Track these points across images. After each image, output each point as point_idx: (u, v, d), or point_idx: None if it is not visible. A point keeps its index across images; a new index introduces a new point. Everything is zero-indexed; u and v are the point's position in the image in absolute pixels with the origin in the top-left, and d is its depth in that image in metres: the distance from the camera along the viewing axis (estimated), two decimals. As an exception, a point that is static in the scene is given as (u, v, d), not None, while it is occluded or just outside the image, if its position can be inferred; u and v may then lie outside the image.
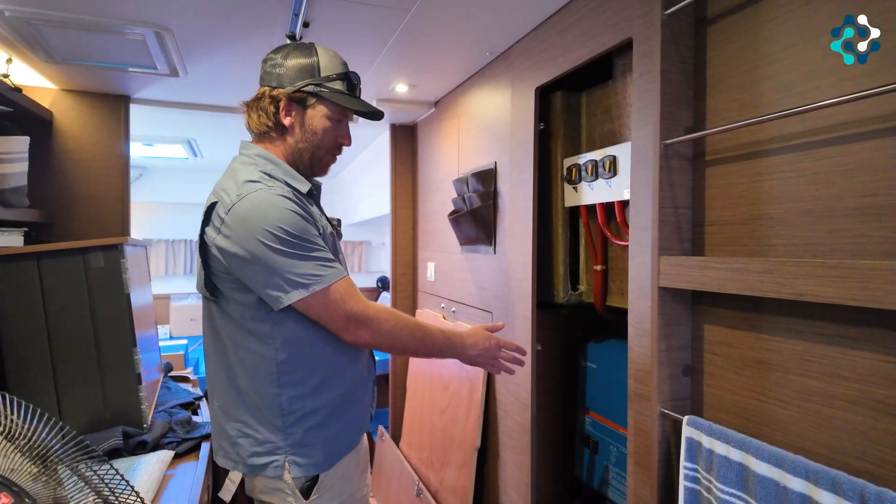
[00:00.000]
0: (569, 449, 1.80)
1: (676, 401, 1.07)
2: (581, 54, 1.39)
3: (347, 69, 1.23)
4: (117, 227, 2.29)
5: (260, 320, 1.11)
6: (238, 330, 1.13)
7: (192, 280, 5.70)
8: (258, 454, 1.13)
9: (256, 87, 1.23)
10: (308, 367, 1.14)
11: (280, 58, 1.19)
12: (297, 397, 1.13)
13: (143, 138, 3.46)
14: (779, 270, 0.82)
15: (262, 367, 1.12)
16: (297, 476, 1.13)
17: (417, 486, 2.32)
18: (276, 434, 1.13)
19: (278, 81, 1.18)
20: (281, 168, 1.18)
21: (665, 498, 1.08)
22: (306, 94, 1.18)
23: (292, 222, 1.06)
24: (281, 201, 1.07)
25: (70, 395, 1.49)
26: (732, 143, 1.01)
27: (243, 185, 1.09)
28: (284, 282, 1.05)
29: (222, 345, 1.17)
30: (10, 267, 1.44)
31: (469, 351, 1.26)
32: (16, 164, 1.80)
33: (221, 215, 1.08)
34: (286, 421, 1.13)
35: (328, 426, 1.17)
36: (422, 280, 2.79)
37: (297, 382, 1.14)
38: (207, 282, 1.14)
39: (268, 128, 1.20)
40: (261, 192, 1.07)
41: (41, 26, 1.58)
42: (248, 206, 1.05)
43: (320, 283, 1.07)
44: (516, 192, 1.71)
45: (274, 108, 1.18)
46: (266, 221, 1.04)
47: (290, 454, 1.13)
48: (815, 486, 0.76)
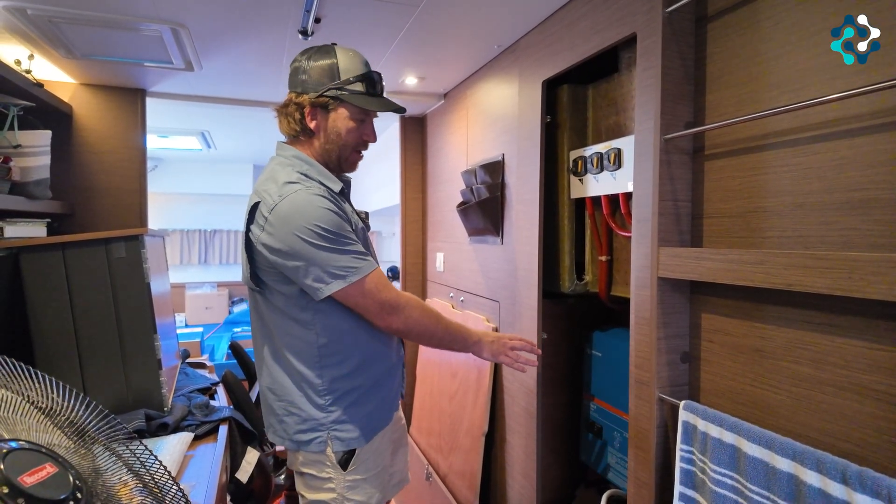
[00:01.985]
0: (574, 434, 1.85)
1: (674, 386, 1.12)
2: (587, 48, 1.42)
3: (367, 69, 1.29)
4: (135, 217, 2.36)
5: (302, 308, 1.21)
6: (282, 318, 1.24)
7: (206, 269, 5.80)
8: (303, 431, 1.25)
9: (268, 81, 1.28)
10: (346, 351, 1.25)
11: (303, 62, 1.27)
12: (336, 378, 1.24)
13: (159, 130, 3.53)
14: (770, 261, 0.85)
15: (304, 350, 1.23)
16: (337, 450, 1.24)
17: (427, 469, 2.38)
18: (319, 412, 1.24)
19: (302, 87, 1.26)
20: (315, 168, 1.27)
21: (663, 479, 1.13)
22: (328, 99, 1.25)
23: (329, 220, 1.15)
24: (318, 200, 1.16)
25: (95, 379, 1.56)
26: (730, 139, 1.04)
27: (284, 187, 1.18)
28: (325, 274, 1.15)
29: (268, 331, 1.28)
30: (37, 257, 1.51)
31: (485, 339, 1.38)
32: (39, 158, 1.86)
33: (265, 214, 1.17)
34: (327, 400, 1.24)
35: (364, 405, 1.28)
36: (431, 270, 2.84)
37: (336, 364, 1.24)
38: (253, 275, 1.24)
39: (296, 132, 1.29)
40: (300, 193, 1.16)
41: (62, 23, 1.63)
42: (289, 205, 1.15)
43: (357, 274, 1.17)
44: (523, 183, 1.75)
45: (299, 115, 1.26)
46: (306, 220, 1.14)
47: (331, 430, 1.24)
48: (801, 466, 0.80)
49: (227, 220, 5.82)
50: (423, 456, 2.49)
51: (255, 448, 1.87)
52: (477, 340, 1.36)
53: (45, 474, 0.63)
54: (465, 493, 2.05)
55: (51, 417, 0.72)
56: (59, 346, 1.53)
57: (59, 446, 0.72)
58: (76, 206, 2.26)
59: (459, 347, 1.36)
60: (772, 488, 0.85)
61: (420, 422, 2.66)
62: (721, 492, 0.95)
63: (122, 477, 0.81)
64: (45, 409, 0.72)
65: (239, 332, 4.58)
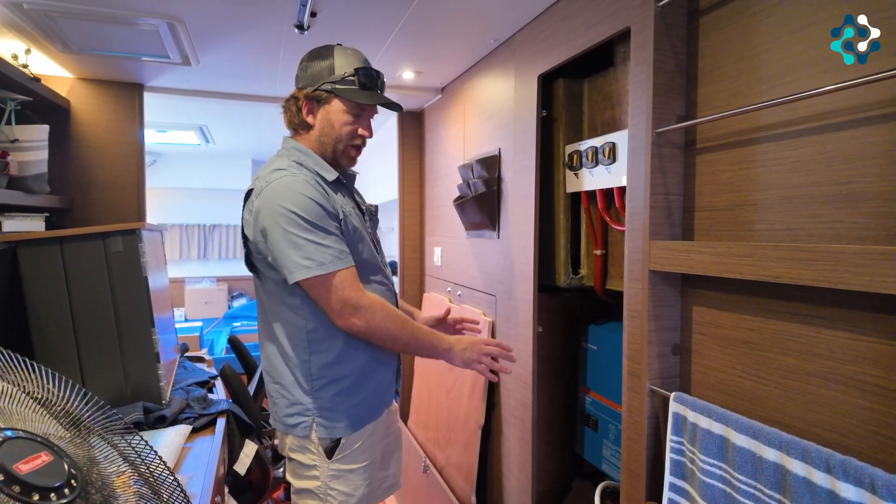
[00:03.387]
0: (569, 427, 1.87)
1: (665, 378, 1.13)
2: (582, 42, 1.42)
3: (363, 65, 1.32)
4: (133, 212, 2.37)
5: (290, 293, 1.25)
6: (275, 302, 1.29)
7: (205, 264, 5.83)
8: (290, 414, 1.29)
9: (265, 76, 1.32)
10: (332, 335, 1.27)
11: (305, 62, 1.34)
12: (325, 365, 1.27)
13: (157, 125, 3.54)
14: (759, 254, 0.86)
15: (295, 335, 1.28)
16: (322, 437, 1.27)
17: (424, 462, 2.40)
18: (307, 396, 1.28)
19: (301, 84, 1.33)
20: (312, 158, 1.31)
21: (654, 470, 1.14)
22: (322, 93, 1.30)
23: (307, 207, 1.18)
24: (300, 186, 1.19)
25: (93, 372, 1.57)
26: (721, 132, 1.04)
27: (272, 174, 1.23)
28: (291, 262, 1.17)
29: (266, 315, 1.33)
30: (35, 251, 1.52)
31: (457, 346, 1.32)
32: (37, 152, 1.87)
33: (253, 199, 1.23)
34: (314, 385, 1.28)
35: (352, 394, 1.30)
36: (429, 264, 2.85)
37: (324, 350, 1.27)
38: (247, 260, 1.32)
39: (295, 125, 1.36)
40: (284, 179, 1.20)
41: (58, 17, 1.63)
42: (271, 191, 1.19)
43: (322, 268, 1.17)
44: (519, 178, 1.75)
45: (296, 108, 1.33)
46: (284, 204, 1.17)
47: (317, 416, 1.27)
48: (787, 456, 0.81)
49: (226, 215, 5.83)
50: (421, 449, 2.51)
51: (254, 441, 1.88)
52: (448, 348, 1.31)
53: (41, 462, 0.64)
54: (462, 486, 2.06)
55: (47, 407, 0.73)
56: (57, 339, 1.54)
57: (54, 436, 0.73)
58: (74, 201, 2.27)
59: (428, 354, 1.32)
60: (758, 478, 0.87)
61: (417, 415, 2.67)
62: (709, 482, 0.96)
63: (120, 467, 0.83)
64: (41, 400, 0.73)
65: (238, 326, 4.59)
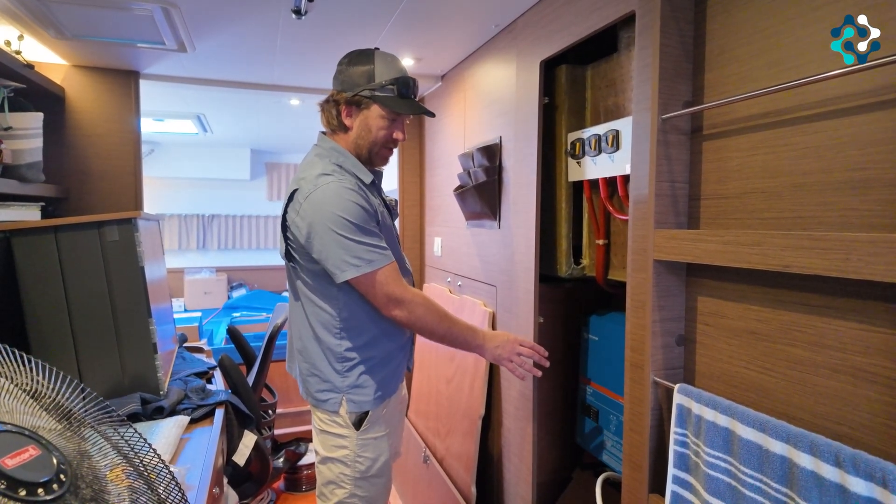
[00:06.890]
0: (570, 418, 1.85)
1: (669, 370, 1.11)
2: (585, 27, 1.39)
3: (402, 74, 1.40)
4: (130, 201, 2.34)
5: (327, 284, 1.37)
6: (311, 291, 1.41)
7: (204, 254, 5.80)
8: (321, 391, 1.42)
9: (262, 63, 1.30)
10: (364, 326, 1.41)
11: (345, 64, 1.41)
12: (354, 348, 1.40)
13: (154, 114, 3.50)
14: (767, 243, 0.84)
15: (328, 321, 1.40)
16: (351, 411, 1.41)
17: (424, 452, 2.40)
18: (337, 376, 1.41)
19: (341, 86, 1.40)
20: (350, 161, 1.41)
21: (657, 462, 1.12)
22: (362, 98, 1.38)
23: (354, 212, 1.29)
24: (347, 193, 1.30)
25: (90, 363, 1.56)
26: (729, 118, 1.02)
27: (319, 178, 1.32)
28: (342, 261, 1.29)
29: (300, 300, 1.45)
30: (29, 240, 1.50)
31: (489, 343, 1.45)
32: (31, 140, 1.84)
33: (301, 201, 1.31)
34: (344, 366, 1.40)
35: (377, 373, 1.43)
36: (429, 254, 2.83)
37: (354, 336, 1.40)
38: (287, 252, 1.41)
39: (334, 126, 1.44)
40: (332, 185, 1.30)
41: (51, 2, 1.60)
42: (321, 195, 1.29)
43: (370, 266, 1.30)
44: (520, 166, 1.73)
45: (336, 111, 1.42)
46: (334, 210, 1.28)
47: (346, 393, 1.40)
48: (795, 449, 0.80)
49: (225, 205, 5.80)
50: (421, 439, 2.51)
51: (253, 431, 1.87)
52: (480, 343, 1.44)
53: (28, 457, 0.63)
54: (462, 476, 2.06)
55: (37, 399, 0.72)
56: (53, 330, 1.52)
57: (44, 429, 0.71)
58: (71, 190, 2.25)
59: (463, 347, 1.45)
60: (765, 471, 0.85)
61: (418, 405, 2.67)
62: (714, 475, 0.94)
63: (113, 460, 0.81)
64: (30, 391, 0.71)
65: (238, 316, 4.57)
